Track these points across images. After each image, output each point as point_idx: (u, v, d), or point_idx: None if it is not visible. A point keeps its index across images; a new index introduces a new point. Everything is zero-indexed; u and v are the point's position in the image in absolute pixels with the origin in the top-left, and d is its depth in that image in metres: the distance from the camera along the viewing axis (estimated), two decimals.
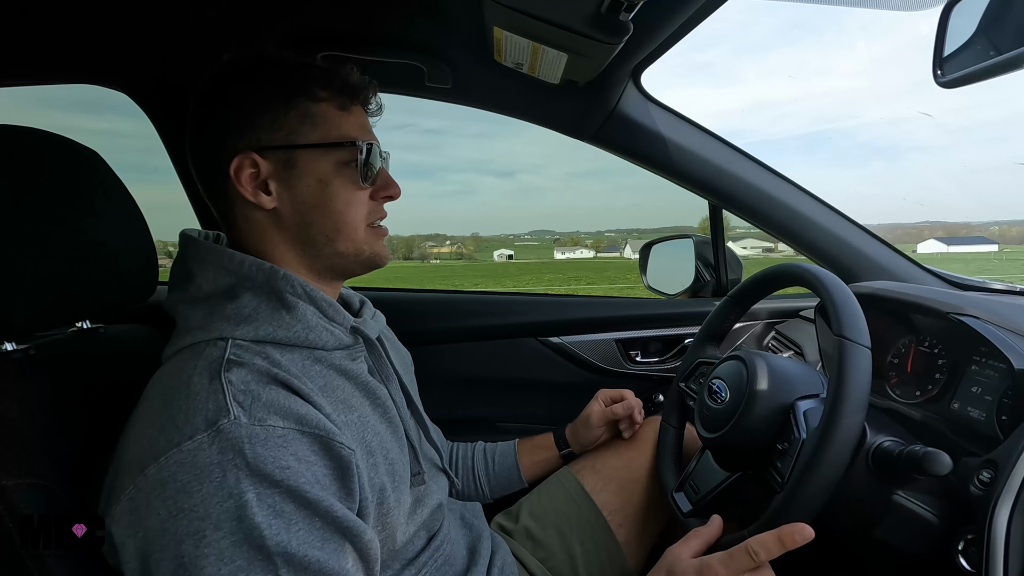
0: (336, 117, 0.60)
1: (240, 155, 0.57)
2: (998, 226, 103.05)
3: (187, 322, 0.56)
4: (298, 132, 0.58)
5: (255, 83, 0.59)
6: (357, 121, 0.62)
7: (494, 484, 0.93)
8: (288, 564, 0.45)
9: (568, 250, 65.79)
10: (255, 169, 0.58)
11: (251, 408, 0.48)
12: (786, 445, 0.64)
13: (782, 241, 1.12)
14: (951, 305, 0.74)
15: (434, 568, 0.68)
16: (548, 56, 0.76)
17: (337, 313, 0.60)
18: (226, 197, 0.60)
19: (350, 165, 0.60)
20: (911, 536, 0.61)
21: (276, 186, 0.59)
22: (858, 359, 0.58)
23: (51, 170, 0.60)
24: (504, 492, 0.94)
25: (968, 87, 0.58)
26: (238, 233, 0.61)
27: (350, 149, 0.60)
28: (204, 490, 0.44)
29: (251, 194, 0.58)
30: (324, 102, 0.60)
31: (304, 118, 0.59)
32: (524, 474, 0.93)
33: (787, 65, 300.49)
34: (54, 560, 0.49)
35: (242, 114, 0.58)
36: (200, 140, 0.60)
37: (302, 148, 0.58)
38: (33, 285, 0.55)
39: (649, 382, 1.25)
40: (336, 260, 0.62)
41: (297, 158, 0.59)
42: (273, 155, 0.58)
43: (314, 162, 0.59)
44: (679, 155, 1.05)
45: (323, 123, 0.59)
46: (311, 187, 0.59)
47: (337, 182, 0.60)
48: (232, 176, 0.58)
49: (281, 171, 0.58)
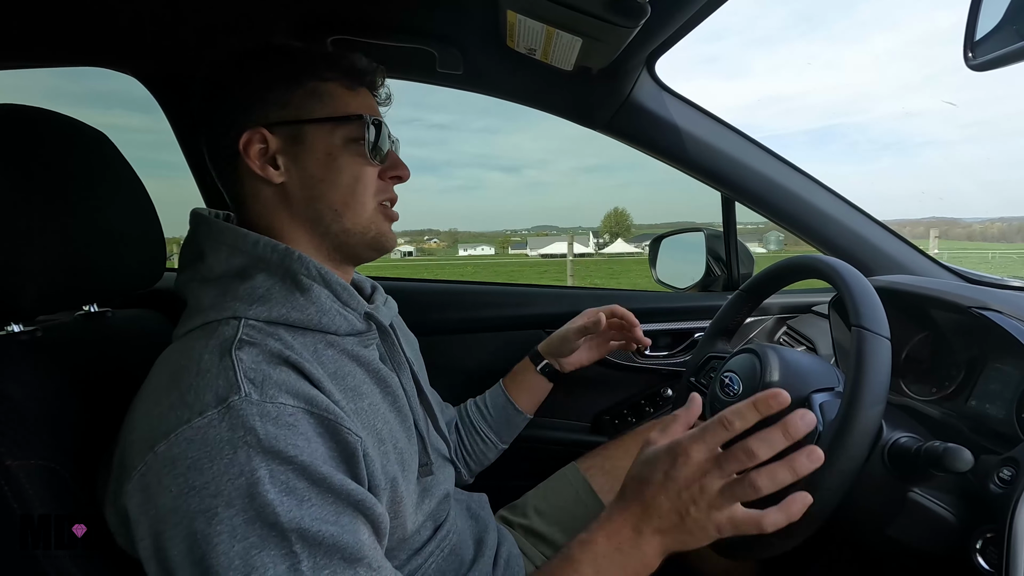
0: (344, 95, 0.61)
1: (249, 130, 0.58)
2: (1002, 222, 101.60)
3: (199, 302, 0.55)
4: (306, 108, 0.59)
5: (264, 63, 0.59)
6: (365, 102, 0.63)
7: (498, 428, 0.93)
8: (302, 540, 0.45)
9: (470, 247, 67.33)
10: (264, 144, 0.58)
11: (262, 386, 0.48)
12: (802, 438, 0.63)
13: (796, 235, 1.10)
14: (973, 300, 0.72)
15: (440, 558, 0.67)
16: (562, 41, 0.75)
17: (351, 298, 0.60)
18: (236, 174, 0.60)
19: (358, 141, 0.60)
20: (927, 534, 0.60)
21: (284, 160, 0.59)
22: (877, 350, 0.57)
23: (59, 151, 0.59)
24: (512, 431, 0.94)
25: (992, 74, 0.57)
26: (248, 211, 0.61)
27: (357, 124, 0.60)
28: (215, 467, 0.44)
29: (259, 168, 0.58)
30: (332, 81, 0.61)
31: (312, 95, 0.59)
32: (520, 406, 0.93)
33: (796, 59, 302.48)
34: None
35: (252, 91, 0.59)
36: (210, 118, 0.61)
37: (310, 123, 0.59)
38: (40, 267, 0.55)
39: (658, 376, 1.23)
40: (343, 239, 0.62)
41: (305, 133, 0.59)
42: (281, 130, 0.58)
43: (322, 137, 0.59)
44: (693, 146, 1.03)
45: (331, 100, 0.60)
46: (319, 161, 0.59)
47: (345, 156, 0.60)
48: (241, 151, 0.58)
49: (290, 146, 0.59)
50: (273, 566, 0.43)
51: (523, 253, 63.44)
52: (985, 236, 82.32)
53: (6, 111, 0.57)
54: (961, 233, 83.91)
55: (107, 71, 1.04)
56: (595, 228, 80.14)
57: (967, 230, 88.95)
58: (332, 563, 0.46)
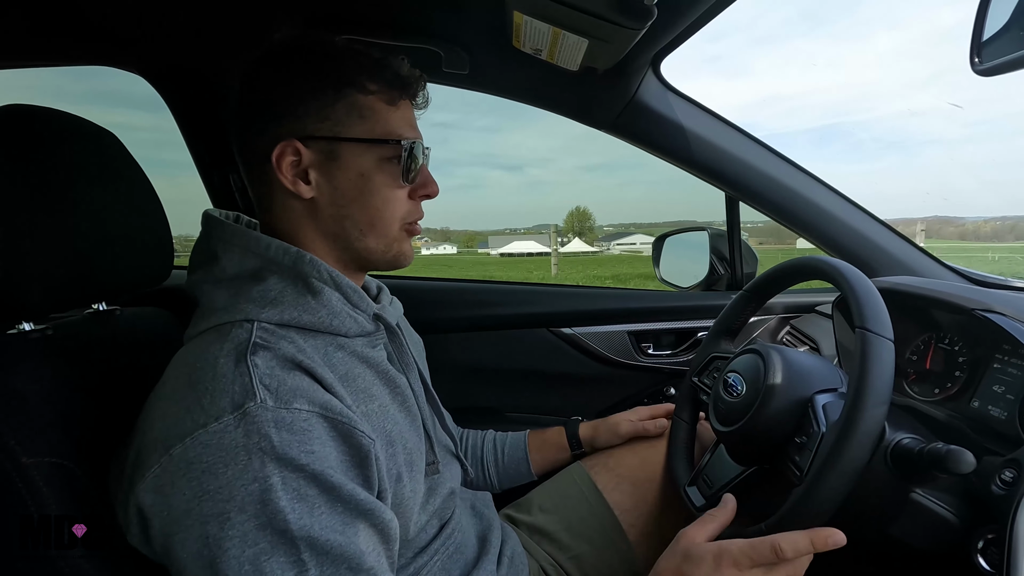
0: (384, 111, 0.59)
1: (283, 142, 0.56)
2: (1001, 221, 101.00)
3: (212, 302, 0.56)
4: (344, 124, 0.57)
5: (305, 68, 0.58)
6: (404, 117, 0.61)
7: (503, 475, 0.93)
8: (311, 548, 0.45)
9: (433, 245, 67.74)
10: (297, 157, 0.57)
11: (277, 391, 0.48)
12: (804, 438, 0.63)
13: (800, 235, 1.10)
14: (976, 301, 0.72)
15: (445, 556, 0.68)
16: (568, 42, 0.75)
17: (361, 300, 0.60)
18: (265, 181, 0.59)
19: (392, 162, 0.59)
20: (928, 534, 0.60)
21: (316, 176, 0.58)
22: (881, 352, 0.57)
23: (66, 150, 0.60)
24: (513, 484, 0.94)
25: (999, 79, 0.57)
26: (272, 217, 0.61)
27: (395, 147, 0.59)
28: (229, 472, 0.45)
29: (290, 182, 0.57)
30: (373, 95, 0.59)
31: (351, 110, 0.58)
32: (534, 468, 0.93)
33: (799, 58, 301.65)
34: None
35: (290, 101, 0.57)
36: (244, 122, 0.59)
37: (347, 141, 0.58)
38: (49, 266, 0.55)
39: (661, 375, 1.24)
40: (364, 254, 0.62)
41: (340, 150, 0.58)
42: (316, 145, 0.57)
43: (357, 156, 0.58)
44: (697, 145, 1.03)
45: (371, 117, 0.58)
46: (351, 180, 0.58)
47: (378, 178, 0.59)
48: (273, 162, 0.57)
49: (323, 161, 0.58)
50: (281, 572, 0.44)
51: (486, 252, 63.30)
52: (978, 235, 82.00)
53: (13, 110, 0.57)
54: (953, 232, 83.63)
55: (112, 70, 1.04)
56: (560, 226, 79.68)
57: (959, 229, 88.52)
58: (339, 572, 0.46)
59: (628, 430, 0.91)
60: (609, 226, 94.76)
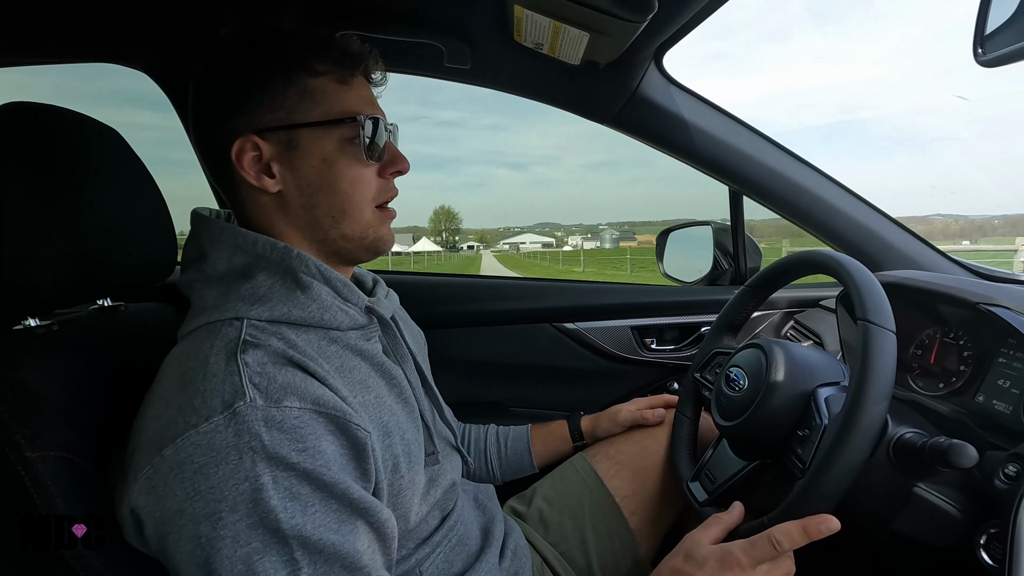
0: (337, 91, 0.58)
1: (241, 138, 0.56)
2: (1000, 219, 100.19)
3: (202, 301, 0.56)
4: (298, 110, 0.56)
5: (251, 59, 0.57)
6: (359, 94, 0.60)
7: (505, 468, 0.94)
8: (303, 547, 0.46)
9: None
10: (257, 152, 0.56)
11: (267, 390, 0.48)
12: (807, 432, 0.63)
13: (803, 229, 1.10)
14: (981, 295, 0.72)
15: (448, 548, 0.68)
16: (569, 36, 0.75)
17: (352, 293, 0.60)
18: (231, 180, 0.59)
19: (354, 141, 0.58)
20: (931, 529, 0.60)
21: (279, 168, 0.57)
22: (883, 344, 0.57)
23: (71, 148, 0.60)
24: (515, 476, 0.94)
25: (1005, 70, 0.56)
26: (246, 215, 0.60)
27: (352, 125, 0.58)
28: (220, 472, 0.45)
29: (254, 178, 0.57)
30: (323, 76, 0.57)
31: (303, 95, 0.56)
32: (536, 460, 0.93)
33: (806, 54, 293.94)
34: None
35: (240, 93, 0.56)
36: (201, 122, 0.59)
37: (303, 127, 0.56)
38: (55, 262, 0.56)
39: (664, 370, 1.24)
40: (342, 244, 0.61)
41: (299, 138, 0.57)
42: (274, 136, 0.56)
43: (316, 141, 0.57)
44: (701, 140, 1.03)
45: (323, 99, 0.57)
46: (315, 167, 0.57)
47: (342, 161, 0.58)
48: (234, 160, 0.56)
49: (283, 152, 0.57)
50: (274, 572, 0.45)
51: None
52: (984, 231, 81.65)
53: (19, 108, 0.57)
54: (956, 229, 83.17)
55: (120, 69, 1.05)
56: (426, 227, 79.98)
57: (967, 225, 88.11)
58: (332, 571, 0.47)
59: (627, 417, 0.92)
60: (576, 225, 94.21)
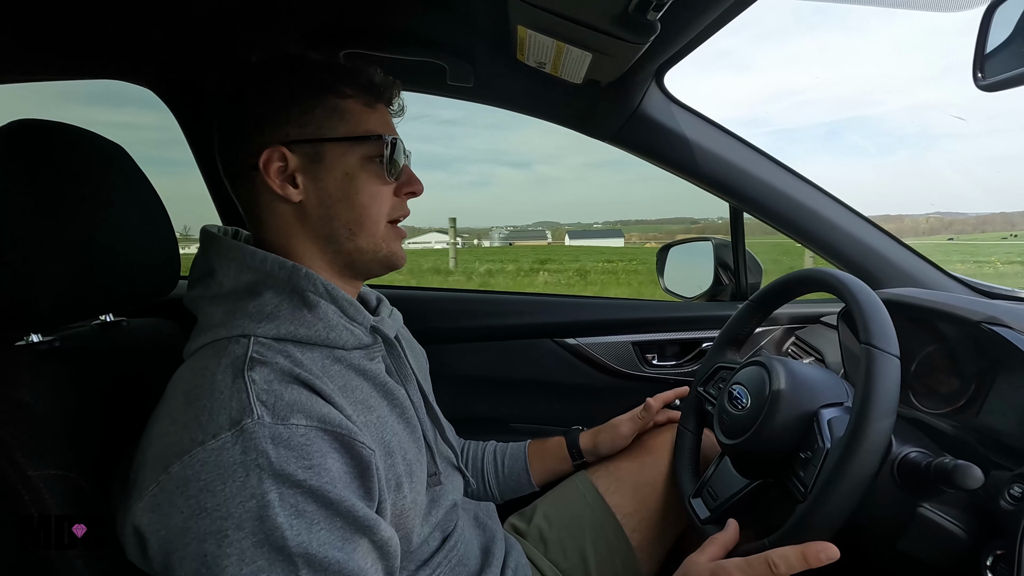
0: (362, 113, 0.62)
1: (269, 148, 0.58)
2: (973, 217, 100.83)
3: (209, 319, 0.56)
4: (325, 126, 0.60)
5: (283, 79, 0.60)
6: (382, 119, 0.64)
7: (503, 487, 0.93)
8: (308, 565, 0.45)
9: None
10: (283, 163, 0.59)
11: (274, 407, 0.48)
12: (809, 454, 0.63)
13: (803, 245, 1.10)
14: (982, 314, 0.72)
15: (448, 568, 0.68)
16: (572, 56, 0.76)
17: (358, 312, 0.60)
18: (253, 190, 0.61)
19: (375, 160, 0.61)
20: (937, 550, 0.60)
21: (303, 179, 0.60)
22: (886, 368, 0.57)
23: (76, 164, 0.61)
24: (514, 495, 0.93)
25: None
26: (262, 226, 0.62)
27: (376, 143, 0.61)
28: (227, 490, 0.45)
29: (279, 187, 0.59)
30: (351, 98, 0.61)
31: (331, 113, 0.60)
32: (534, 478, 0.92)
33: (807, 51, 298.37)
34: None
35: (271, 109, 0.59)
36: (228, 134, 0.61)
37: (329, 142, 0.60)
38: (58, 278, 0.56)
39: (665, 386, 1.23)
40: (356, 256, 0.62)
41: (324, 152, 0.60)
42: (301, 148, 0.59)
43: (341, 156, 0.60)
44: (701, 157, 1.03)
45: (350, 118, 0.61)
46: (337, 180, 0.60)
47: (363, 176, 0.61)
48: (261, 169, 0.58)
49: (308, 164, 0.60)
50: None
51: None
52: (916, 231, 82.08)
53: (23, 125, 0.58)
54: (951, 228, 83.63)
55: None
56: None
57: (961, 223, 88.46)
58: None
59: (629, 430, 0.90)
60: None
